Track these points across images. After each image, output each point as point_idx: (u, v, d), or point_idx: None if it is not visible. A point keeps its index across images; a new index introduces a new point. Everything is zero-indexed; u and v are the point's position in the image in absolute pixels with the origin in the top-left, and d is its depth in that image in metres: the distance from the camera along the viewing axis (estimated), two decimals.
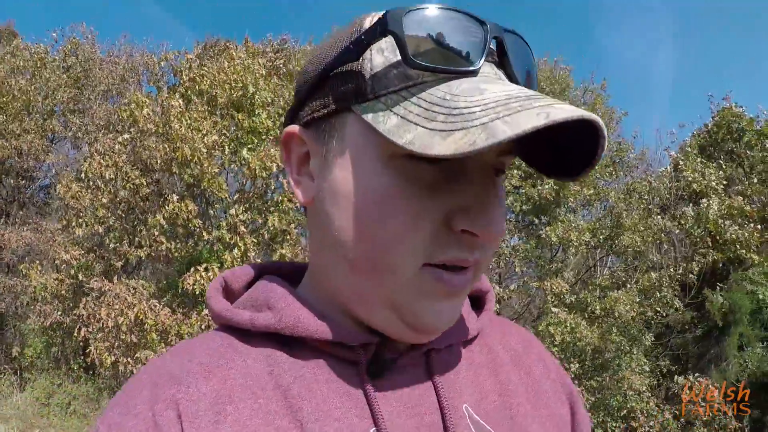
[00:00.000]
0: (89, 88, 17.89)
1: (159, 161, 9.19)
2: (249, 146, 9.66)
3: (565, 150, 0.64)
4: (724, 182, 13.45)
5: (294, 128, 0.72)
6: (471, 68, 0.61)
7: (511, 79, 0.65)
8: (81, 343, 9.72)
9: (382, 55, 0.63)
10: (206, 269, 8.03)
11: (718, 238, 11.94)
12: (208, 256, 8.83)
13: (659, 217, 11.60)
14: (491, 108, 0.55)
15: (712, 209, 11.84)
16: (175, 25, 46.24)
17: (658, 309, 10.81)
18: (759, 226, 12.19)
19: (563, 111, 0.53)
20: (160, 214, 8.72)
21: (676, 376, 11.19)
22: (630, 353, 10.51)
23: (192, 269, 8.11)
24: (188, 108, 9.50)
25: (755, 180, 14.02)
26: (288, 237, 9.31)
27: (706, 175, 12.86)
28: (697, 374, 11.14)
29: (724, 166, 13.92)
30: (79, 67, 18.19)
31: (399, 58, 0.61)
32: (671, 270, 11.11)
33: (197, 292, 7.97)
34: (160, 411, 0.63)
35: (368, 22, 0.65)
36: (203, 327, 8.13)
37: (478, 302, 0.88)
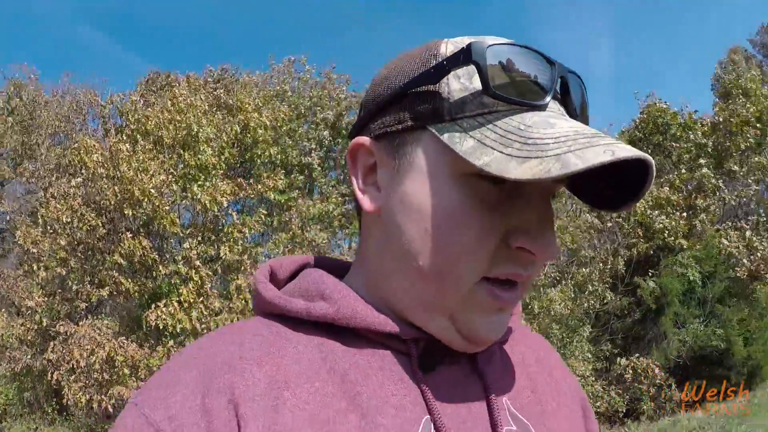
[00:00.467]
0: (36, 130, 17.96)
1: (111, 202, 9.62)
2: (198, 183, 10.13)
3: (611, 183, 0.69)
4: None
5: (364, 139, 0.75)
6: (541, 102, 0.66)
7: (571, 115, 0.70)
8: (54, 386, 9.92)
9: (458, 81, 0.67)
10: (165, 305, 8.52)
11: (647, 228, 12.90)
12: (167, 290, 9.31)
13: (588, 215, 12.48)
14: (562, 141, 0.61)
15: (639, 204, 12.76)
16: (116, 51, 46.15)
17: (592, 301, 11.69)
18: (685, 214, 13.19)
19: (626, 150, 0.59)
20: (116, 253, 9.17)
21: (618, 359, 12.09)
22: (571, 343, 11.34)
23: (153, 306, 8.59)
24: (135, 150, 9.91)
25: (683, 170, 14.95)
26: (242, 267, 9.81)
27: None
28: (637, 354, 12.04)
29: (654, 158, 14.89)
30: (24, 110, 18.28)
31: (476, 86, 0.66)
32: (600, 264, 11.98)
33: (160, 327, 8.44)
34: (212, 396, 0.65)
35: (444, 47, 0.71)
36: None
37: None
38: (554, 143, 0.61)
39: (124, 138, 10.53)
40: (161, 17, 57.78)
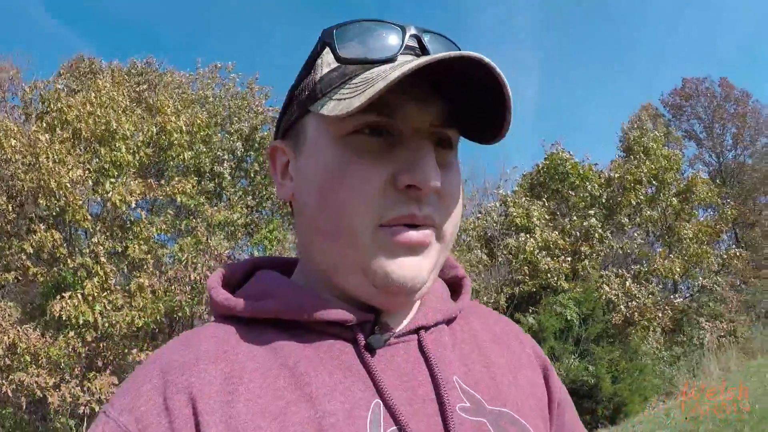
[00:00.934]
0: None
1: (25, 188, 9.92)
2: (111, 180, 10.50)
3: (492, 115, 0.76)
4: (546, 217, 15.62)
5: (276, 142, 0.88)
6: (388, 56, 0.74)
7: None
8: None
9: (328, 63, 0.79)
10: (71, 297, 8.92)
11: (534, 267, 13.99)
12: (72, 281, 9.68)
13: (478, 251, 13.49)
14: (393, 68, 0.70)
15: (530, 242, 13.89)
16: (51, 26, 45.00)
17: None
18: (569, 258, 14.37)
19: (435, 57, 0.66)
20: (27, 242, 9.50)
21: None
22: None
23: (58, 296, 8.98)
24: (53, 140, 10.20)
25: (574, 217, 16.12)
26: (145, 266, 10.25)
27: (531, 211, 14.96)
28: None
29: (547, 204, 16.10)
30: None
31: (335, 62, 0.77)
32: (484, 299, 12.94)
33: (64, 318, 8.82)
34: (171, 396, 0.70)
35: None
36: (70, 349, 9.02)
37: (455, 289, 0.97)
38: (385, 71, 0.70)
39: (44, 125, 10.76)
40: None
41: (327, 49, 0.78)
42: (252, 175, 15.43)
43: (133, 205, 10.54)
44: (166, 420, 0.68)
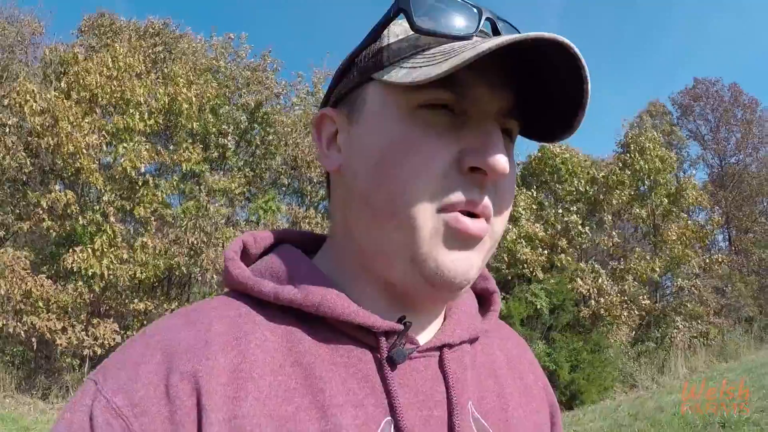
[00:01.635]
0: None
1: (43, 147, 10.89)
2: (124, 144, 11.44)
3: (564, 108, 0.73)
4: (534, 207, 16.65)
5: (325, 110, 0.83)
6: (466, 33, 0.72)
7: None
8: None
9: (396, 34, 0.75)
10: (82, 251, 10.06)
11: (513, 256, 15.06)
12: (82, 234, 10.73)
13: None
14: (473, 45, 0.66)
15: (512, 232, 14.95)
16: None
17: None
18: (546, 251, 15.47)
19: (525, 35, 0.63)
20: (44, 198, 10.54)
21: None
22: None
23: (71, 250, 10.11)
24: (70, 104, 11.05)
25: (560, 210, 17.07)
26: (149, 227, 11.34)
27: (518, 200, 15.89)
28: None
29: (535, 195, 17.11)
30: None
31: (410, 32, 0.73)
32: None
33: (74, 269, 10.00)
34: (176, 383, 0.65)
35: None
36: (77, 296, 10.17)
37: (484, 303, 0.94)
38: (466, 47, 0.67)
39: (63, 86, 11.61)
40: None
41: (399, 19, 0.75)
42: (254, 148, 16.19)
43: (143, 170, 11.47)
44: (167, 410, 0.64)
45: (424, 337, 0.79)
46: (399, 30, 0.75)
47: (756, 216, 36.30)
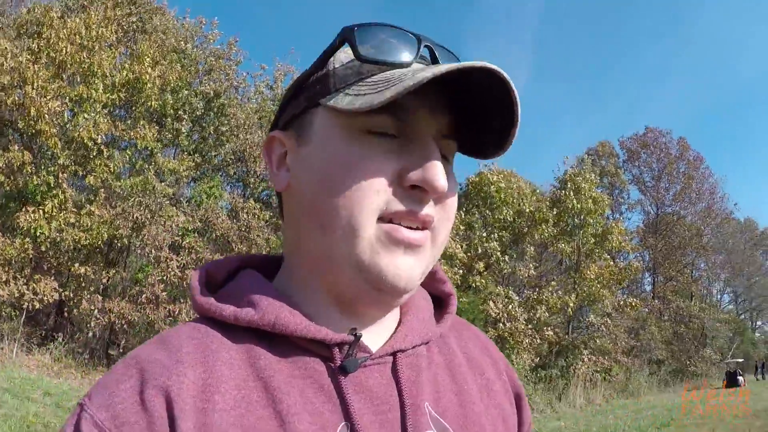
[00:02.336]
0: None
1: (7, 106, 11.60)
2: (84, 114, 12.18)
3: (494, 126, 0.79)
4: (462, 227, 17.91)
5: (275, 133, 0.86)
6: (406, 61, 0.76)
7: None
8: None
9: (341, 61, 0.79)
10: (34, 211, 10.85)
11: None
12: (34, 192, 11.46)
13: None
14: (413, 72, 0.71)
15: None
16: None
17: None
18: (462, 270, 16.78)
19: (464, 64, 0.68)
20: (2, 158, 11.27)
21: None
22: None
23: (23, 209, 10.88)
24: (39, 68, 11.65)
25: (484, 234, 18.36)
26: (98, 197, 12.12)
27: None
28: None
29: (463, 217, 18.35)
30: None
31: (355, 60, 0.77)
32: None
33: (26, 228, 10.74)
34: (150, 396, 0.70)
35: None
36: (21, 251, 10.89)
37: (441, 304, 0.97)
38: (407, 75, 0.71)
39: (35, 47, 12.22)
40: None
41: (344, 47, 0.79)
42: (206, 135, 16.92)
43: (99, 141, 12.20)
44: (144, 419, 0.69)
45: (378, 344, 0.82)
46: (344, 57, 0.79)
47: (681, 267, 38.27)
